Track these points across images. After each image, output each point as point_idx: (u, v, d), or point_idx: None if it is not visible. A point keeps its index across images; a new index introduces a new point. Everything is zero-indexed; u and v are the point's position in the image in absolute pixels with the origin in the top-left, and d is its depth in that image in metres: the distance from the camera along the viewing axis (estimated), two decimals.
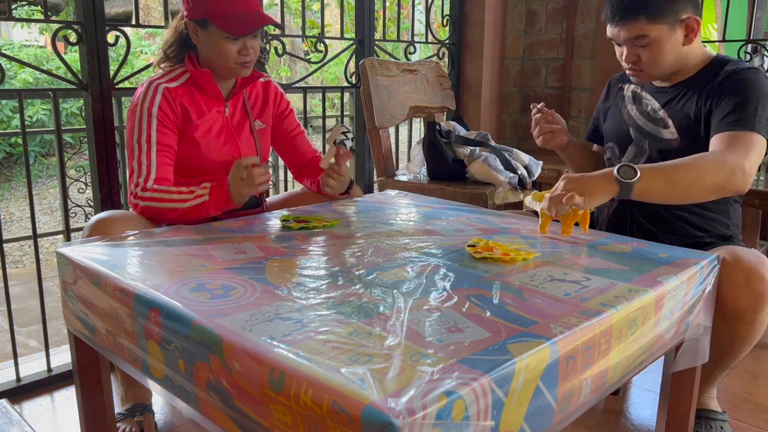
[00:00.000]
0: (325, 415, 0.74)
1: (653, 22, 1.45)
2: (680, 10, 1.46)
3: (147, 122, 1.55)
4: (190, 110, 1.61)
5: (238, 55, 1.58)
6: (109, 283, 1.11)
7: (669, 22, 1.45)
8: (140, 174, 1.54)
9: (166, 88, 1.59)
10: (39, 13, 6.79)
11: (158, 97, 1.57)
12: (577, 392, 0.96)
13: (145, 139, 1.55)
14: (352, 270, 1.17)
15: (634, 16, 1.45)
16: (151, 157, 1.55)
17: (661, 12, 1.44)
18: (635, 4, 1.45)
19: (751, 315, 1.33)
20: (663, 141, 1.57)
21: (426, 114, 2.68)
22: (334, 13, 7.10)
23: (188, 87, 1.63)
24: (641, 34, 1.46)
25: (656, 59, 1.49)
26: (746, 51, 2.47)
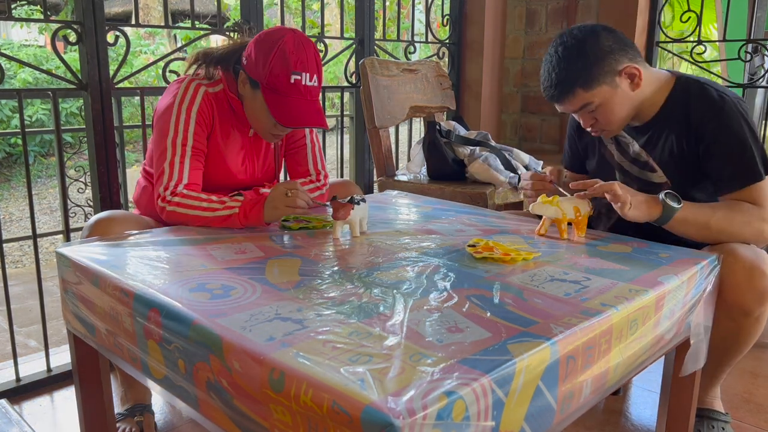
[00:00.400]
0: (325, 415, 0.74)
1: (590, 89, 1.42)
2: (614, 66, 1.42)
3: (185, 123, 1.49)
4: (216, 123, 1.56)
5: (274, 127, 1.53)
6: (109, 283, 1.11)
7: (607, 81, 1.42)
8: (171, 177, 1.48)
9: (207, 91, 1.54)
10: (39, 12, 6.79)
11: (198, 98, 1.52)
12: (578, 392, 0.96)
13: (181, 141, 1.49)
14: (352, 270, 1.17)
15: (570, 92, 1.43)
16: (185, 162, 1.49)
17: (595, 78, 1.41)
18: (566, 80, 1.43)
19: (755, 311, 1.34)
20: (653, 185, 1.55)
21: (426, 114, 2.68)
22: (334, 13, 7.10)
23: (222, 98, 1.57)
24: (584, 103, 1.44)
25: (611, 117, 1.47)
26: (746, 51, 2.47)
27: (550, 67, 1.46)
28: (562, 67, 1.43)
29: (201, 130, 1.53)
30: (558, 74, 1.44)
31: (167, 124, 1.50)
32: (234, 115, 1.59)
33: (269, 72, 1.45)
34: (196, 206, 1.46)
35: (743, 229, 1.39)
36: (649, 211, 1.38)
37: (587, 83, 1.42)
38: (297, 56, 1.45)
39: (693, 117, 1.45)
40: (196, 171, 1.52)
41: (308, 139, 1.77)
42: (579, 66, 1.42)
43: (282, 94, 1.46)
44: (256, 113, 1.53)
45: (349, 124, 2.70)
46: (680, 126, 1.48)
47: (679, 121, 1.48)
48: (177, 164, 1.49)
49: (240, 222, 1.45)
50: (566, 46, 1.44)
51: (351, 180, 2.44)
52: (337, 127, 2.67)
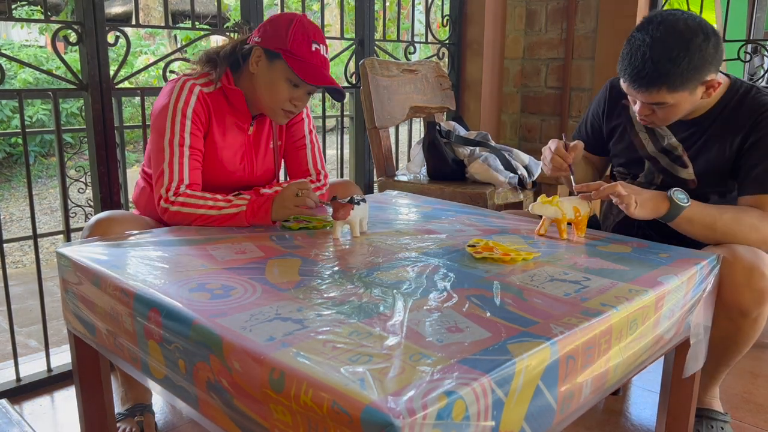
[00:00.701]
0: (325, 415, 0.74)
1: (674, 92, 1.36)
2: (702, 77, 1.37)
3: (181, 123, 1.50)
4: (214, 122, 1.57)
5: (288, 102, 1.54)
6: (109, 283, 1.11)
7: (690, 88, 1.37)
8: (172, 179, 1.48)
9: (201, 90, 1.55)
10: (39, 13, 6.79)
11: (193, 98, 1.52)
12: (578, 392, 0.96)
13: (178, 141, 1.50)
14: (352, 270, 1.17)
15: (655, 88, 1.36)
16: (184, 162, 1.50)
17: (683, 84, 1.35)
18: (657, 77, 1.35)
19: (754, 311, 1.34)
20: (678, 179, 1.55)
21: (426, 114, 2.68)
22: (334, 13, 7.10)
23: (218, 97, 1.58)
24: (660, 102, 1.39)
25: (671, 117, 1.44)
26: (746, 51, 2.47)
27: (646, 51, 1.35)
28: (660, 60, 1.34)
29: (197, 130, 1.53)
30: (653, 65, 1.34)
31: (164, 125, 1.51)
32: (233, 111, 1.60)
33: (292, 39, 1.49)
34: (201, 205, 1.46)
35: (750, 233, 1.38)
36: (656, 209, 1.38)
37: (674, 86, 1.36)
38: (314, 30, 1.53)
39: (743, 119, 1.45)
40: (195, 171, 1.53)
41: (308, 140, 1.77)
42: (677, 66, 1.33)
43: (304, 59, 1.50)
44: (273, 85, 1.53)
45: (349, 124, 2.71)
46: (727, 128, 1.47)
47: (727, 124, 1.47)
48: (176, 165, 1.50)
49: (247, 220, 1.45)
50: (670, 36, 1.34)
51: (351, 180, 2.44)
52: (337, 127, 2.68)
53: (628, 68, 1.39)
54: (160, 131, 1.51)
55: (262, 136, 1.68)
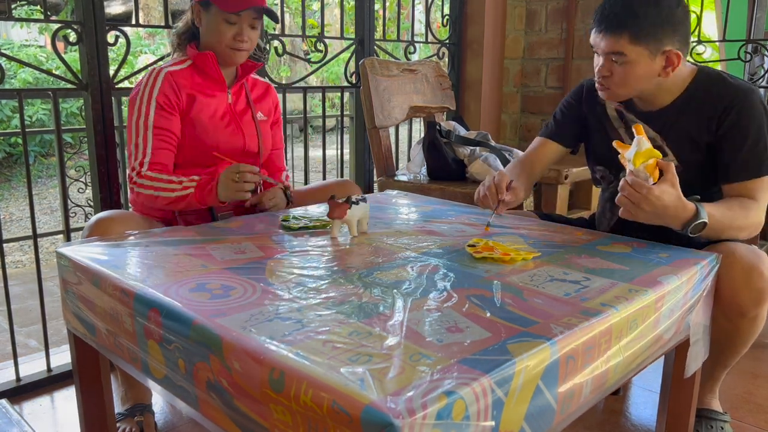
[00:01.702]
0: (325, 415, 0.74)
1: (635, 42, 1.39)
2: (665, 41, 1.39)
3: (146, 105, 1.59)
4: (192, 94, 1.64)
5: (233, 40, 1.61)
6: (109, 283, 1.11)
7: (650, 48, 1.39)
8: (136, 157, 1.58)
9: (169, 71, 1.63)
10: (39, 12, 6.79)
11: (159, 81, 1.61)
12: (578, 392, 0.96)
13: (143, 122, 1.59)
14: (352, 270, 1.17)
15: (619, 30, 1.39)
16: (148, 140, 1.59)
17: (646, 35, 1.38)
18: (624, 17, 1.39)
19: (753, 311, 1.34)
20: None
21: (426, 114, 2.68)
22: (334, 13, 7.10)
23: (191, 71, 1.66)
24: (620, 50, 1.40)
25: (627, 80, 1.44)
26: (746, 51, 2.47)
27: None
28: (630, 3, 1.38)
29: (165, 112, 1.60)
30: (623, 6, 1.39)
31: (132, 110, 1.61)
32: (208, 81, 1.68)
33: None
34: (158, 187, 1.56)
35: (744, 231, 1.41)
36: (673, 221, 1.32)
37: (637, 35, 1.38)
38: None
39: (716, 103, 1.45)
40: (161, 151, 1.60)
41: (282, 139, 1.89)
42: (645, 15, 1.37)
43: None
44: (214, 29, 1.62)
45: (349, 124, 2.70)
46: (699, 113, 1.47)
47: (698, 109, 1.47)
48: (141, 143, 1.59)
49: (196, 200, 1.55)
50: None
51: (351, 180, 2.44)
52: (337, 127, 2.67)
53: (600, 11, 1.44)
54: (129, 116, 1.62)
55: (241, 107, 1.75)
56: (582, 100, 1.69)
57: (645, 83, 1.45)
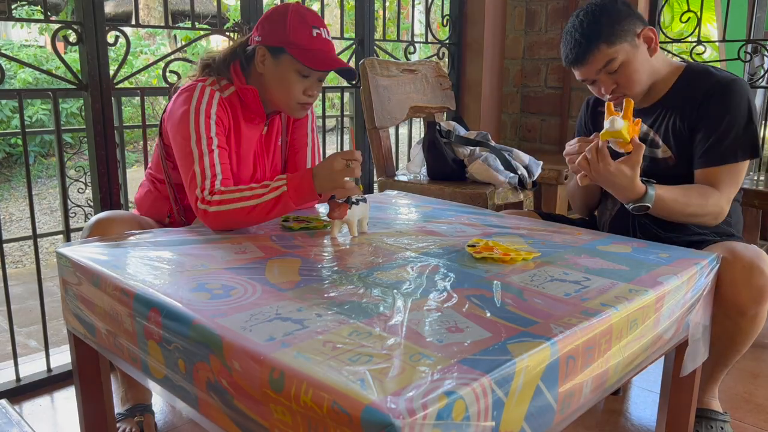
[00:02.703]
0: (325, 415, 0.74)
1: (613, 44, 1.48)
2: (632, 27, 1.49)
3: (206, 124, 1.46)
4: (232, 123, 1.55)
5: (303, 95, 1.52)
6: (109, 283, 1.11)
7: (628, 40, 1.49)
8: (204, 177, 1.42)
9: (221, 96, 1.51)
10: (39, 13, 6.79)
11: (215, 101, 1.49)
12: (578, 392, 0.96)
13: (206, 142, 1.45)
14: (352, 270, 1.17)
15: (594, 48, 1.48)
16: (215, 160, 1.44)
17: (616, 34, 1.48)
18: (590, 36, 1.48)
19: (753, 309, 1.34)
20: (658, 160, 1.59)
21: (426, 114, 2.68)
22: (334, 13, 7.10)
23: (233, 101, 1.55)
24: (608, 59, 1.49)
25: (632, 78, 1.51)
26: (746, 51, 2.47)
27: (572, 30, 1.52)
28: (585, 27, 1.49)
29: (221, 131, 1.50)
30: (582, 33, 1.49)
31: (187, 129, 1.45)
32: (247, 112, 1.57)
33: (291, 30, 1.47)
34: (238, 198, 1.39)
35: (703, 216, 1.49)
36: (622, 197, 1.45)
37: (610, 38, 1.47)
38: (312, 15, 1.51)
39: (699, 94, 1.50)
40: (226, 166, 1.48)
41: (309, 138, 1.76)
42: (602, 23, 1.48)
43: (308, 47, 1.48)
44: (284, 81, 1.50)
45: (349, 124, 2.70)
46: (685, 104, 1.53)
47: (685, 100, 1.53)
48: (207, 164, 1.44)
49: (291, 199, 1.39)
50: (587, 11, 1.51)
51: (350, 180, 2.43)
52: (337, 127, 2.67)
53: (566, 50, 1.54)
54: (185, 136, 1.45)
55: (273, 135, 1.68)
56: (585, 115, 1.79)
57: (647, 70, 1.53)
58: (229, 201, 1.39)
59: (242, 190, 1.41)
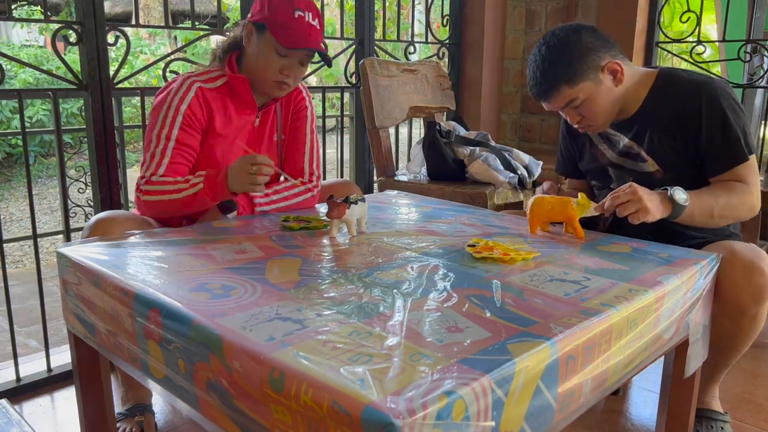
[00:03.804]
0: (325, 415, 0.74)
1: (575, 85, 1.46)
2: (596, 62, 1.46)
3: (172, 118, 1.52)
4: (217, 116, 1.58)
5: (279, 73, 1.55)
6: (109, 283, 1.11)
7: (590, 77, 1.46)
8: (149, 168, 1.52)
9: (201, 87, 1.56)
10: (39, 13, 6.79)
11: (190, 94, 1.54)
12: (578, 392, 0.96)
13: (165, 133, 1.52)
14: (352, 270, 1.17)
15: (555, 89, 1.47)
16: (166, 154, 1.52)
17: (578, 74, 1.45)
18: (550, 78, 1.47)
19: (753, 309, 1.34)
20: (646, 174, 1.57)
21: (426, 114, 2.68)
22: (334, 13, 7.10)
23: (222, 92, 1.60)
24: (569, 99, 1.48)
25: (596, 111, 1.50)
26: (746, 51, 2.47)
27: (534, 66, 1.50)
28: (546, 66, 1.47)
29: (189, 127, 1.54)
30: (543, 72, 1.48)
31: (156, 118, 1.54)
32: (238, 102, 1.61)
33: (275, 9, 1.52)
34: (164, 191, 1.49)
35: (741, 210, 1.46)
36: (663, 211, 1.40)
37: (571, 79, 1.46)
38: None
39: (678, 103, 1.49)
40: (175, 165, 1.54)
41: (308, 139, 1.76)
42: (563, 62, 1.46)
43: (286, 26, 1.52)
44: (263, 58, 1.56)
45: (349, 124, 2.71)
46: (665, 115, 1.51)
47: (663, 111, 1.51)
48: (158, 155, 1.53)
49: (208, 196, 1.47)
50: (549, 46, 1.48)
51: (351, 180, 2.44)
52: (337, 127, 2.68)
53: (530, 83, 1.52)
54: (151, 123, 1.56)
55: (266, 128, 1.69)
56: (565, 128, 1.77)
57: (612, 101, 1.51)
58: (156, 192, 1.50)
59: (168, 183, 1.50)
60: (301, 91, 1.77)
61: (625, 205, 1.36)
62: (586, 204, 1.43)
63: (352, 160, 2.72)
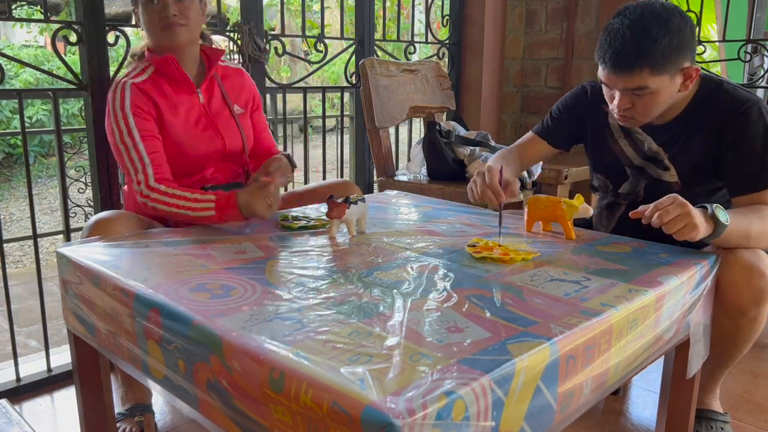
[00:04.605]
0: (325, 415, 0.74)
1: (656, 74, 1.34)
2: (681, 61, 1.36)
3: (123, 119, 1.53)
4: (161, 104, 1.58)
5: (159, 18, 1.54)
6: (109, 283, 1.11)
7: (671, 72, 1.35)
8: (137, 170, 1.52)
9: (134, 83, 1.56)
10: (39, 13, 6.78)
11: (127, 92, 1.55)
12: (578, 392, 0.96)
13: (128, 134, 1.53)
14: (352, 270, 1.17)
15: (637, 69, 1.33)
16: (140, 150, 1.53)
17: (665, 64, 1.33)
18: (639, 55, 1.32)
19: (753, 310, 1.34)
20: (662, 183, 1.54)
21: (426, 114, 2.68)
22: (334, 13, 7.10)
23: (155, 80, 1.60)
24: (642, 85, 1.35)
25: (650, 108, 1.41)
26: (746, 51, 2.47)
27: (626, 30, 1.33)
28: (640, 38, 1.32)
29: (142, 121, 1.55)
30: (634, 43, 1.32)
31: (111, 130, 1.55)
32: (175, 83, 1.62)
33: None
34: (173, 204, 1.50)
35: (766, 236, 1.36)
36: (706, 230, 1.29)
37: (657, 66, 1.33)
38: None
39: (718, 116, 1.43)
40: (155, 154, 1.55)
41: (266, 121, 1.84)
42: (659, 45, 1.32)
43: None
44: (144, 21, 1.57)
45: (349, 124, 2.71)
46: (704, 127, 1.46)
47: (702, 122, 1.46)
48: (135, 155, 1.53)
49: (219, 220, 1.49)
50: (651, 15, 1.33)
51: (351, 180, 2.44)
52: (337, 127, 2.68)
53: (608, 52, 1.36)
54: (110, 136, 1.56)
55: (215, 104, 1.69)
56: (583, 104, 1.67)
57: (668, 103, 1.43)
58: (165, 203, 1.51)
59: (178, 197, 1.51)
60: (250, 78, 1.81)
61: (675, 220, 1.24)
62: (576, 205, 1.41)
63: (352, 160, 2.72)
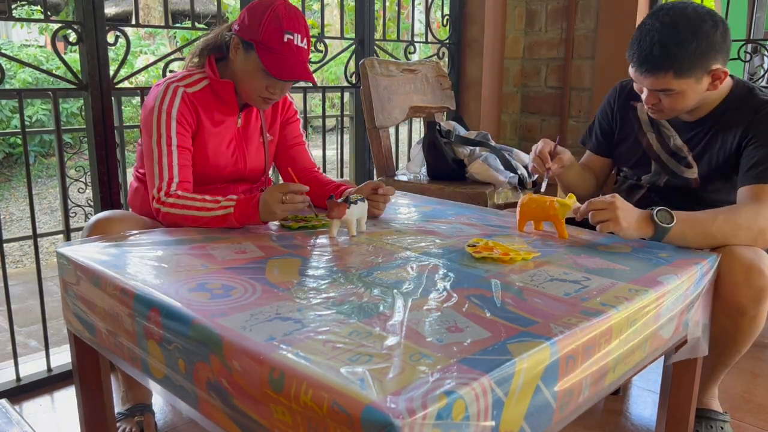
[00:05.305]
0: (325, 415, 0.74)
1: (680, 77, 1.39)
2: (709, 64, 1.39)
3: (166, 124, 1.52)
4: (203, 119, 1.58)
5: (265, 90, 1.55)
6: (109, 283, 1.11)
7: (696, 75, 1.39)
8: (162, 178, 1.50)
9: (185, 92, 1.55)
10: (39, 12, 6.79)
11: (177, 99, 1.53)
12: (577, 392, 0.96)
13: (166, 141, 1.52)
14: (351, 270, 1.17)
15: (662, 71, 1.39)
16: (173, 161, 1.52)
17: (691, 68, 1.38)
18: (664, 58, 1.37)
19: (753, 310, 1.34)
20: (681, 178, 1.56)
21: (426, 114, 2.68)
22: (334, 13, 7.10)
23: (206, 94, 1.59)
24: (666, 88, 1.41)
25: (677, 107, 1.46)
26: (746, 51, 2.47)
27: (655, 33, 1.38)
28: (667, 42, 1.37)
29: (183, 130, 1.55)
30: (661, 46, 1.37)
31: (150, 128, 1.53)
32: (221, 104, 1.61)
33: (263, 31, 1.50)
34: (190, 206, 1.47)
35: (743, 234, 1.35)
36: (643, 231, 1.34)
37: (681, 71, 1.38)
38: (289, 18, 1.51)
39: (744, 117, 1.46)
40: (184, 168, 1.54)
41: (304, 137, 1.81)
42: (685, 50, 1.36)
43: (275, 51, 1.50)
44: (249, 75, 1.55)
45: (349, 124, 2.70)
46: (731, 127, 1.48)
47: (729, 123, 1.49)
48: (166, 164, 1.51)
49: (237, 221, 1.45)
50: (682, 19, 1.37)
51: (351, 180, 2.43)
52: (337, 127, 2.68)
53: (637, 52, 1.42)
54: (148, 133, 1.54)
55: (251, 128, 1.70)
56: (614, 101, 1.72)
57: (695, 102, 1.46)
58: (181, 207, 1.47)
59: (195, 199, 1.48)
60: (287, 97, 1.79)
61: (600, 212, 1.32)
62: (569, 205, 1.41)
63: (352, 160, 2.72)
